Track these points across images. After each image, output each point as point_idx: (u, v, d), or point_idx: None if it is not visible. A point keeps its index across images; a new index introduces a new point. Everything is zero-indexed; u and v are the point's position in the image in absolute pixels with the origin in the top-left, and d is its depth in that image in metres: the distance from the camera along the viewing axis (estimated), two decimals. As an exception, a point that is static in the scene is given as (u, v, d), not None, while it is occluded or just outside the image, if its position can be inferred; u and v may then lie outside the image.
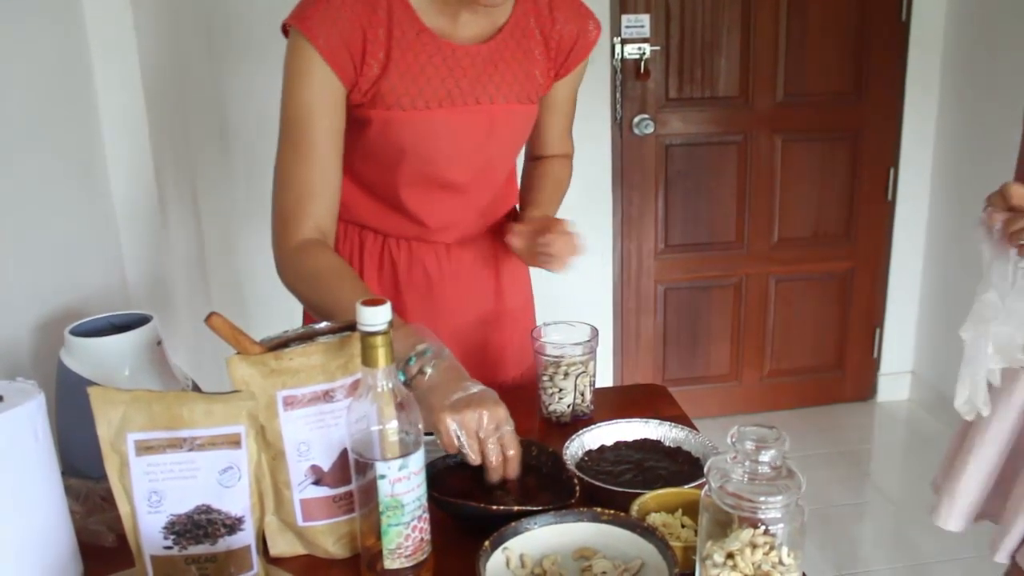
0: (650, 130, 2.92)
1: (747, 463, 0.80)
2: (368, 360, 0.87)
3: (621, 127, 2.92)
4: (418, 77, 1.23)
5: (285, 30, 1.22)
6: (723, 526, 0.83)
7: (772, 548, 0.81)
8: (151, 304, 1.71)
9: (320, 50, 1.17)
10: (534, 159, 1.52)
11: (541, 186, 1.47)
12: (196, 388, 1.24)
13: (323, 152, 1.21)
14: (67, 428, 1.16)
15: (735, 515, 0.81)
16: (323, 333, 1.00)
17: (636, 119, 2.91)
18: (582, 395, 1.30)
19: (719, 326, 3.25)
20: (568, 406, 1.29)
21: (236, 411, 0.88)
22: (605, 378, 3.13)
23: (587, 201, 2.93)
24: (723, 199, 3.08)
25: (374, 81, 1.21)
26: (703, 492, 0.84)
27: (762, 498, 0.79)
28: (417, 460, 0.90)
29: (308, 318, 1.39)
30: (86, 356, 1.15)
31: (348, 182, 1.31)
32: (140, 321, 1.22)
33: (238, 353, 0.93)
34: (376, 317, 0.86)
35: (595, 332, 1.31)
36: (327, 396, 0.95)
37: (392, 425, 0.89)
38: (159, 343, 1.21)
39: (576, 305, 3.00)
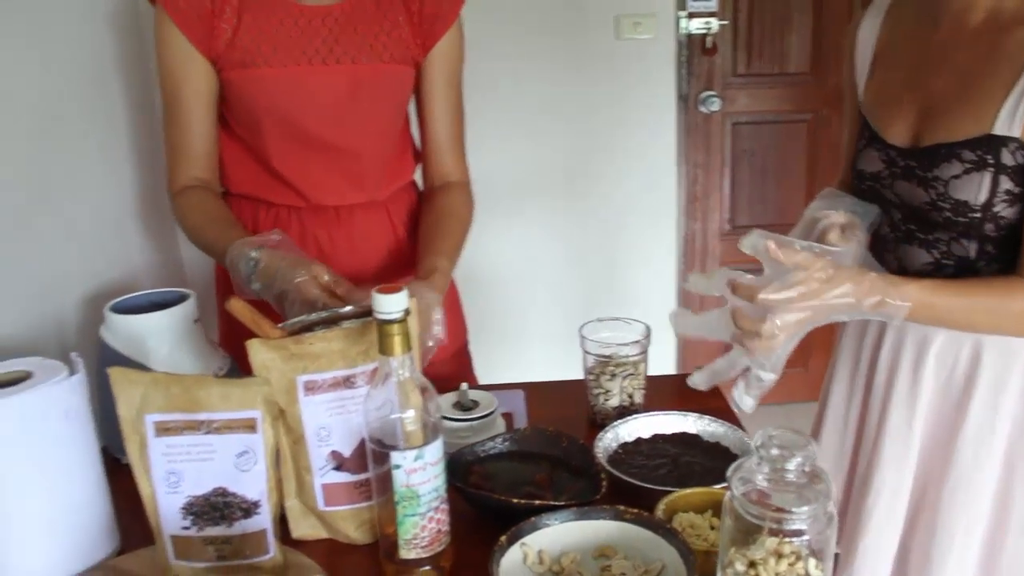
0: (716, 107, 2.83)
1: (772, 469, 0.76)
2: (384, 348, 0.85)
3: (686, 104, 2.83)
4: (271, 37, 1.28)
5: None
6: (747, 531, 0.79)
7: (798, 558, 0.77)
8: (206, 281, 1.72)
9: (172, 17, 1.25)
10: (431, 189, 1.47)
11: (441, 230, 1.38)
12: (234, 368, 1.25)
13: (189, 115, 1.30)
14: (106, 404, 1.17)
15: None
16: (347, 318, 0.99)
17: (702, 96, 2.82)
18: (630, 397, 1.24)
19: (785, 311, 3.14)
20: (614, 408, 1.24)
21: (252, 396, 0.88)
22: (667, 362, 3.07)
23: (650, 179, 2.87)
24: (792, 179, 2.97)
25: (228, 42, 1.27)
26: (726, 496, 0.80)
27: (789, 510, 0.75)
28: (434, 451, 0.88)
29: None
30: (123, 333, 1.16)
31: (235, 152, 1.38)
32: (181, 299, 1.23)
33: (258, 337, 0.92)
34: (391, 305, 0.84)
35: (648, 331, 1.25)
36: (348, 382, 0.94)
37: (409, 414, 0.87)
38: (196, 321, 1.21)
39: (637, 286, 2.96)
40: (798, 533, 0.76)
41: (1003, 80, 1.05)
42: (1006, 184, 1.05)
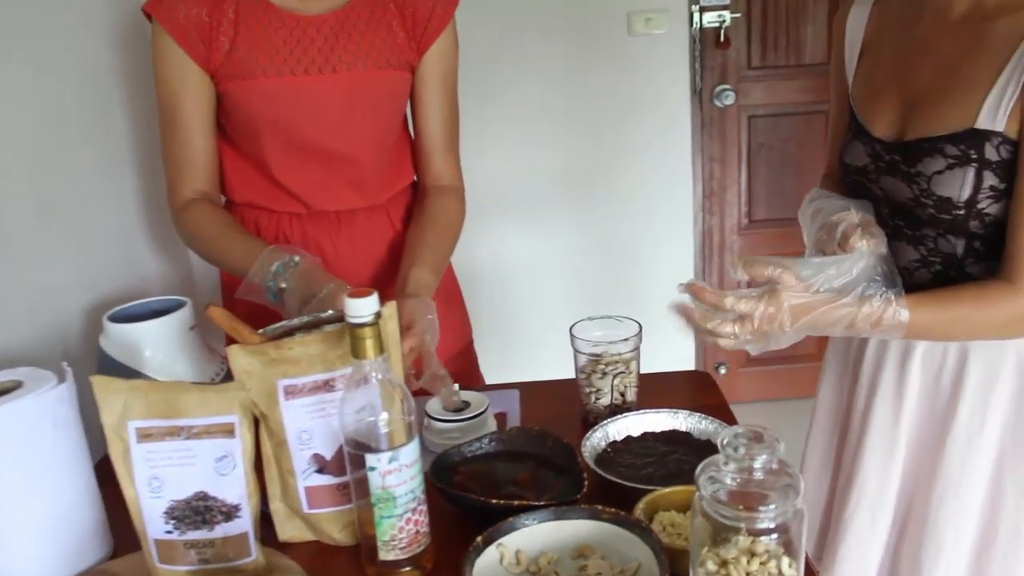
0: (731, 101, 2.80)
1: (739, 468, 0.75)
2: (357, 351, 0.86)
3: (701, 98, 2.81)
4: (266, 48, 1.29)
5: (147, 15, 1.30)
6: (718, 530, 0.78)
7: (771, 557, 0.76)
8: (214, 288, 1.74)
9: (170, 33, 1.27)
10: (423, 190, 1.47)
11: (425, 240, 1.36)
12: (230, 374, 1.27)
13: (189, 128, 1.32)
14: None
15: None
16: (327, 323, 1.00)
17: (716, 89, 2.80)
18: (622, 395, 1.23)
19: (808, 304, 3.10)
20: (606, 407, 1.23)
21: (229, 401, 0.89)
22: (686, 357, 3.05)
23: (666, 175, 2.85)
24: (810, 170, 2.93)
25: (226, 55, 1.28)
26: (695, 496, 0.80)
27: (757, 508, 0.74)
28: (409, 452, 0.89)
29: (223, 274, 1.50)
30: (120, 341, 1.18)
31: (235, 162, 1.39)
32: (179, 306, 1.25)
33: (237, 343, 0.93)
34: (362, 309, 0.84)
35: (640, 329, 1.24)
36: (327, 385, 0.95)
37: (384, 416, 0.88)
38: (192, 328, 1.24)
39: (655, 283, 2.94)
40: (768, 531, 0.75)
41: (986, 72, 1.02)
42: (990, 180, 1.02)
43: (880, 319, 1.00)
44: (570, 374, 1.32)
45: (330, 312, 1.02)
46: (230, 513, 0.91)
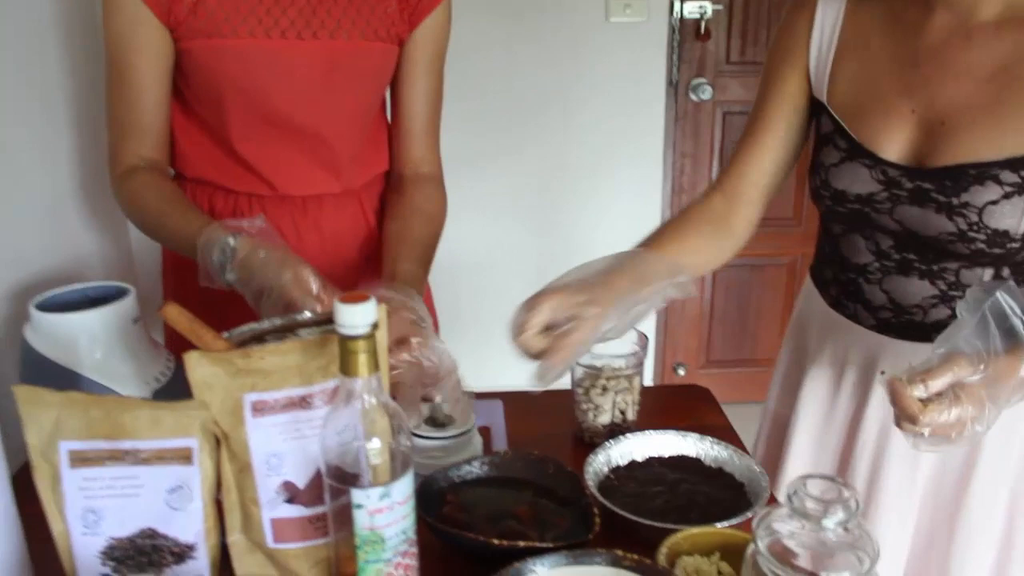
0: (707, 95, 2.71)
1: (806, 525, 0.64)
2: (347, 367, 0.72)
3: (676, 91, 2.71)
4: (240, 4, 1.13)
5: None
6: (772, 592, 0.67)
7: (833, 627, 0.65)
8: (157, 272, 1.56)
9: None
10: (400, 179, 1.33)
11: (412, 233, 1.23)
12: (179, 374, 1.11)
13: (140, 87, 1.16)
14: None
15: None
16: (304, 326, 0.86)
17: (693, 83, 2.70)
18: (623, 413, 1.12)
19: (770, 307, 3.05)
20: (604, 426, 1.12)
21: (187, 422, 0.74)
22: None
23: (636, 168, 2.75)
24: (783, 173, 2.86)
25: (191, 8, 1.12)
26: (749, 550, 0.68)
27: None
28: (402, 488, 0.75)
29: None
30: (50, 334, 1.01)
31: (191, 131, 1.24)
32: (120, 294, 1.09)
33: (197, 349, 0.78)
34: (357, 318, 0.70)
35: (644, 340, 1.13)
36: (304, 402, 0.80)
37: (374, 444, 0.74)
38: (136, 320, 1.07)
39: (618, 279, 2.84)
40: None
41: None
42: None
43: None
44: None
45: (307, 314, 0.87)
46: (183, 554, 0.76)
